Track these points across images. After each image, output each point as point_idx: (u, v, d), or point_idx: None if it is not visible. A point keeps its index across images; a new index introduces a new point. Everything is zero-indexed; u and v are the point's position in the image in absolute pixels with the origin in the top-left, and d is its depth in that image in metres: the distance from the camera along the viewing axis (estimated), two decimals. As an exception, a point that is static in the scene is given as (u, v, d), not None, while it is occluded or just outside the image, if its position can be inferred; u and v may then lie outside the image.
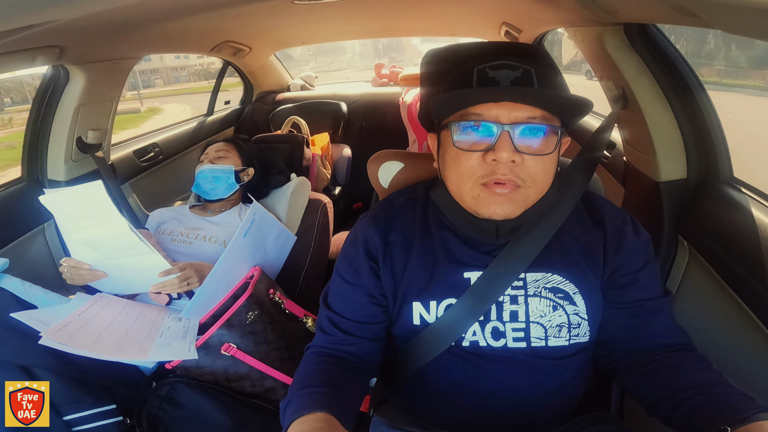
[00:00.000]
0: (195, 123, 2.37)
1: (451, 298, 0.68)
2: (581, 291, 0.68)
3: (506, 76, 0.61)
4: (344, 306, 0.73)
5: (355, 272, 0.72)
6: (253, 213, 1.11)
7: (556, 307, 0.67)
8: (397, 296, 0.71)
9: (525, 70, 0.61)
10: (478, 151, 0.62)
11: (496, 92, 0.60)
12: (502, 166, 0.60)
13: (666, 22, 0.89)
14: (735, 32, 0.66)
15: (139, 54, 1.57)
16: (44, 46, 1.09)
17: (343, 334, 0.71)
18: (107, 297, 1.12)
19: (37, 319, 0.91)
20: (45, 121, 1.43)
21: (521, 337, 0.67)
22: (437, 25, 2.28)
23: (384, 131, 2.52)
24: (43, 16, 0.75)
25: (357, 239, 0.74)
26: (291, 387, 0.65)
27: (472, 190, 0.64)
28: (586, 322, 0.68)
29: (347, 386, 0.65)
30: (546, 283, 0.68)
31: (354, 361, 0.71)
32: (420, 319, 0.69)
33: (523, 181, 0.62)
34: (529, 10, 1.46)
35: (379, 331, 0.74)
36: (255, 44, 2.28)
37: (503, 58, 0.62)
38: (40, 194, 1.01)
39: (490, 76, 0.61)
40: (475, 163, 0.62)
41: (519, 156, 0.60)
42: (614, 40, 1.03)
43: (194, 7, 1.21)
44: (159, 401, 0.98)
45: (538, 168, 0.62)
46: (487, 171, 0.62)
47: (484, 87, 0.61)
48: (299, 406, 0.57)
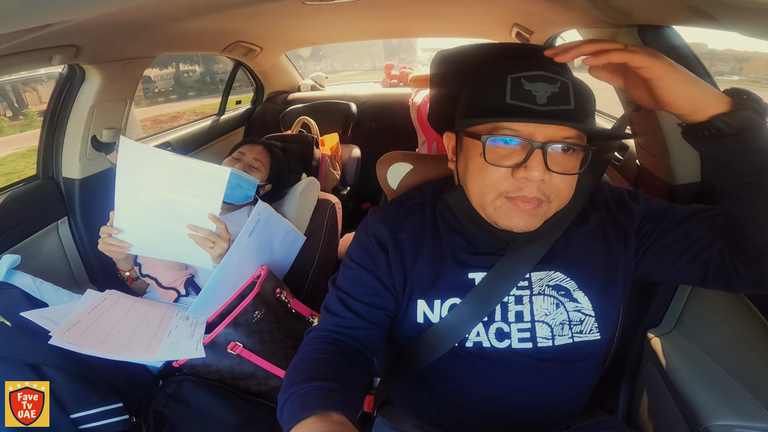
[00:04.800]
0: (208, 122, 2.40)
1: (455, 297, 0.68)
2: (582, 287, 0.68)
3: (543, 91, 0.57)
4: (356, 288, 0.71)
5: (369, 258, 0.72)
6: (258, 213, 1.12)
7: (559, 305, 0.67)
8: (404, 293, 0.71)
9: (563, 84, 0.58)
10: (508, 166, 0.60)
11: (535, 113, 0.57)
12: (531, 184, 0.59)
13: (681, 23, 0.88)
14: (752, 35, 0.65)
15: (154, 53, 1.59)
16: (61, 45, 1.11)
17: (354, 315, 0.69)
18: (116, 294, 1.13)
19: (47, 318, 0.92)
20: (61, 120, 1.45)
21: (527, 338, 0.67)
22: (447, 26, 2.27)
23: (393, 132, 2.52)
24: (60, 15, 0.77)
25: (368, 230, 0.73)
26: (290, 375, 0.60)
27: (495, 202, 0.63)
28: (592, 318, 0.67)
29: (354, 381, 0.63)
30: (549, 281, 0.68)
31: (358, 350, 0.69)
32: (424, 318, 0.69)
33: (548, 197, 0.61)
34: (541, 12, 1.44)
35: (387, 321, 0.72)
36: (266, 44, 2.29)
37: (539, 67, 0.59)
38: (54, 192, 1.03)
39: (525, 89, 0.57)
40: (502, 177, 0.61)
41: (549, 174, 0.59)
42: (628, 41, 1.01)
43: (208, 7, 1.22)
44: (165, 399, 0.98)
45: (564, 185, 0.61)
46: (513, 186, 0.60)
47: (520, 102, 0.57)
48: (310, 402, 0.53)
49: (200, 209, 1.04)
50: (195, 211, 1.04)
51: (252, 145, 1.41)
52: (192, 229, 1.04)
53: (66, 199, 1.49)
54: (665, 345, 0.92)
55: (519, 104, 0.57)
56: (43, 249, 1.42)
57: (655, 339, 0.95)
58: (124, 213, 1.07)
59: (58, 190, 1.47)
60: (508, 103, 0.58)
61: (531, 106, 0.57)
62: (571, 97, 0.58)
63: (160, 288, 1.19)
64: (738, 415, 0.72)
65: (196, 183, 1.02)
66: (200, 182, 1.02)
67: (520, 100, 0.57)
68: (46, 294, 1.07)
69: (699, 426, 0.74)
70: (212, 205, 1.03)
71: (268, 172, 1.38)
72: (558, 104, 0.57)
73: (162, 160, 1.02)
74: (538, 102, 0.57)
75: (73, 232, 1.50)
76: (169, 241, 1.08)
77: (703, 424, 0.74)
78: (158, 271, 1.20)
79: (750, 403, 0.74)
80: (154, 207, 1.04)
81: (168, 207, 1.04)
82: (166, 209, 1.04)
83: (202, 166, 1.01)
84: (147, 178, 1.03)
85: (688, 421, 0.78)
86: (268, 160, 1.39)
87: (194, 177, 1.02)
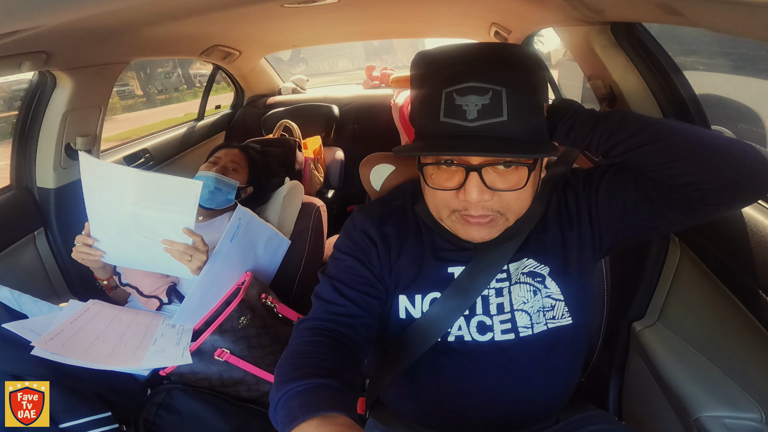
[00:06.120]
0: (185, 128, 2.35)
1: (435, 291, 0.69)
2: (552, 273, 0.69)
3: (473, 104, 0.57)
4: (350, 277, 0.71)
5: (359, 250, 0.72)
6: (239, 217, 1.10)
7: (536, 292, 0.68)
8: (387, 288, 0.71)
9: (495, 92, 0.57)
10: (450, 190, 0.62)
11: (465, 130, 0.57)
12: (474, 205, 0.60)
13: (652, 20, 0.91)
14: (720, 30, 0.67)
15: (128, 59, 1.56)
16: (30, 51, 1.08)
17: (349, 302, 0.68)
18: (100, 304, 1.11)
19: (29, 329, 0.91)
20: (32, 128, 1.41)
21: (509, 329, 0.68)
22: (427, 26, 2.29)
23: (376, 133, 2.52)
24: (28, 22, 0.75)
25: (356, 225, 0.74)
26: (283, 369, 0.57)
27: (450, 217, 0.65)
28: (561, 303, 0.68)
29: (351, 377, 0.61)
30: (523, 269, 0.69)
31: (353, 340, 0.67)
32: (406, 313, 0.70)
33: (498, 212, 0.62)
34: (518, 10, 1.47)
35: (379, 310, 0.72)
36: (245, 48, 2.27)
37: (472, 78, 0.58)
38: (29, 202, 1.00)
39: (456, 104, 0.58)
40: (450, 197, 0.63)
41: (490, 193, 0.60)
42: (601, 39, 1.04)
43: (183, 11, 1.20)
44: (155, 408, 0.97)
45: (513, 199, 0.62)
46: (461, 206, 0.62)
47: (451, 119, 0.58)
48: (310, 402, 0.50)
49: (174, 223, 1.02)
50: (169, 226, 1.02)
51: (228, 149, 1.40)
52: (167, 244, 1.02)
53: (41, 209, 1.45)
54: (651, 337, 0.94)
55: (450, 122, 0.58)
56: (20, 261, 1.38)
57: (641, 331, 0.97)
58: (97, 226, 1.05)
59: (33, 201, 1.43)
60: (441, 121, 0.59)
61: (461, 123, 0.57)
62: (503, 107, 0.57)
63: (142, 297, 1.17)
64: (727, 406, 0.74)
65: (167, 198, 0.99)
66: (171, 197, 0.99)
67: (452, 117, 0.58)
68: (25, 306, 1.04)
69: (689, 417, 0.75)
70: (186, 219, 1.01)
71: (248, 174, 1.37)
72: (488, 117, 0.57)
73: (126, 177, 0.99)
74: (468, 117, 0.57)
75: (50, 243, 1.46)
76: (146, 253, 1.06)
77: (693, 416, 0.75)
78: (138, 280, 1.18)
79: (737, 394, 0.75)
80: (125, 223, 1.02)
81: (140, 222, 1.02)
82: (137, 224, 1.02)
83: (172, 181, 0.98)
84: (113, 195, 1.00)
85: (678, 413, 0.80)
86: (245, 161, 1.38)
87: (164, 192, 0.99)
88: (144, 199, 0.99)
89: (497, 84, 0.58)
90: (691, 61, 2.11)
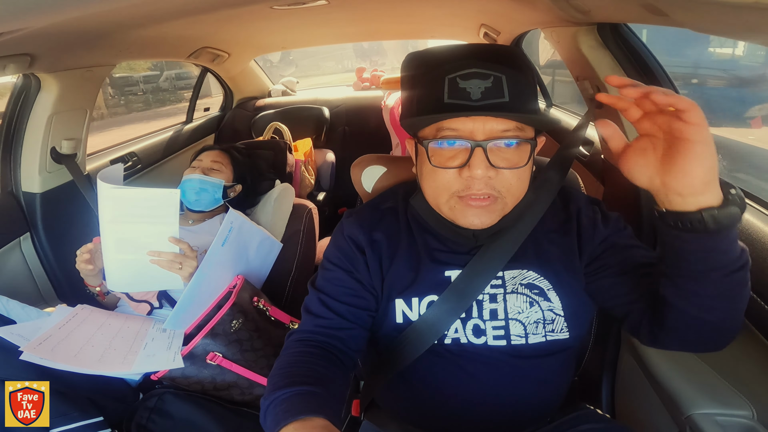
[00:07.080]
0: (173, 131, 2.33)
1: (432, 295, 0.69)
2: (555, 287, 0.69)
3: (477, 87, 0.60)
4: (336, 289, 0.71)
5: (347, 260, 0.72)
6: (230, 221, 1.09)
7: (533, 303, 0.69)
8: (382, 293, 0.71)
9: (496, 78, 0.60)
10: (453, 167, 0.62)
11: (470, 108, 0.59)
12: (477, 181, 0.61)
13: (636, 21, 0.92)
14: (703, 31, 0.68)
15: (114, 61, 1.54)
16: (14, 54, 1.06)
17: (336, 316, 0.69)
18: (89, 309, 1.09)
19: (17, 334, 0.90)
20: (17, 132, 1.39)
21: (501, 335, 0.68)
22: (417, 28, 2.30)
23: (367, 135, 2.53)
24: (12, 24, 0.73)
25: (344, 233, 0.74)
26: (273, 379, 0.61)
27: (449, 202, 0.65)
28: (561, 318, 0.69)
29: (338, 384, 0.63)
30: (522, 280, 0.70)
31: (341, 350, 0.68)
32: (403, 317, 0.70)
33: (499, 192, 0.63)
34: (507, 12, 1.48)
35: (369, 320, 0.72)
36: (234, 50, 2.26)
37: (474, 65, 0.61)
38: (14, 207, 0.99)
39: (460, 87, 0.60)
40: (451, 177, 0.63)
41: (494, 170, 0.61)
42: (588, 40, 1.05)
43: (171, 13, 1.19)
44: (148, 413, 0.95)
45: (514, 179, 0.63)
46: (463, 186, 0.62)
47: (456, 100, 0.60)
48: (292, 408, 0.53)
49: (159, 235, 1.01)
50: (153, 238, 1.01)
51: (208, 151, 1.40)
52: (154, 255, 1.02)
53: (27, 214, 1.42)
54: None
55: (455, 102, 0.60)
56: (6, 267, 1.36)
57: None
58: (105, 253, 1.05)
59: (18, 205, 1.41)
60: (446, 103, 0.60)
61: (466, 103, 0.60)
62: (504, 90, 0.60)
63: (132, 301, 1.16)
64: (718, 404, 0.75)
65: (146, 211, 0.99)
66: (151, 209, 0.99)
67: (456, 98, 0.60)
68: (13, 312, 1.04)
69: (681, 415, 0.76)
70: (170, 228, 1.01)
71: (232, 173, 1.37)
72: (492, 98, 0.59)
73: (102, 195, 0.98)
74: (472, 98, 0.59)
75: (36, 248, 1.44)
76: (138, 272, 1.05)
77: (685, 413, 0.76)
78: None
79: (729, 392, 0.76)
80: (108, 244, 1.02)
81: (122, 240, 1.01)
82: (121, 243, 1.01)
83: (148, 193, 0.98)
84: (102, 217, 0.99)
85: (670, 410, 0.81)
86: (227, 160, 1.38)
87: (142, 205, 0.99)
88: (123, 216, 0.99)
89: (497, 71, 0.60)
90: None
